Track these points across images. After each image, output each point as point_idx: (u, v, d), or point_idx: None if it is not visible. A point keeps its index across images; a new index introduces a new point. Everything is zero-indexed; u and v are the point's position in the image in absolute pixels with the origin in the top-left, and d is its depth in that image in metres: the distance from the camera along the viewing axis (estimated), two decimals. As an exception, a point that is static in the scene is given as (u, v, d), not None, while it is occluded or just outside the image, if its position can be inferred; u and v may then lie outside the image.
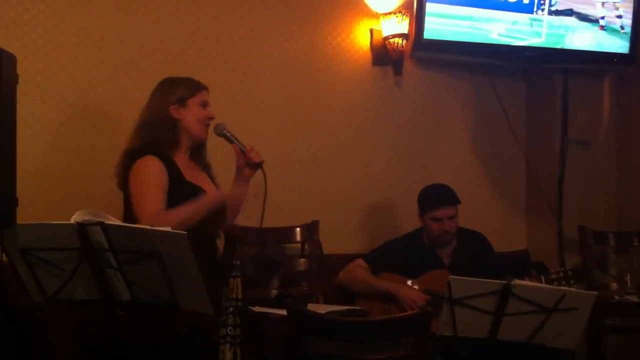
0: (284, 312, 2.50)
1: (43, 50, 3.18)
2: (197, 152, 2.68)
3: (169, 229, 2.15)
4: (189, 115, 2.60)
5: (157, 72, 3.22)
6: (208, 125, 2.64)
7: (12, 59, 2.24)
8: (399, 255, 3.33)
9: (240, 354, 2.43)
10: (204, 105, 2.64)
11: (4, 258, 2.22)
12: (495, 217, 4.10)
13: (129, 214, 2.51)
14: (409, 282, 3.24)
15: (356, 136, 3.86)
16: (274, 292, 3.37)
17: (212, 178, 2.72)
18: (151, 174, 2.49)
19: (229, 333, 2.42)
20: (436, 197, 3.31)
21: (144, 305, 2.22)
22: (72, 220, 2.14)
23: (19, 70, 2.28)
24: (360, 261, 3.35)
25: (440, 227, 3.26)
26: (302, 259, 3.51)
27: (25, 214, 2.26)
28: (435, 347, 2.74)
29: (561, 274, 3.03)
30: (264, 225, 3.39)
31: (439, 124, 4.07)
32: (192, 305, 2.20)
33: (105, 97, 3.27)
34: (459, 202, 3.31)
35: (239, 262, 2.50)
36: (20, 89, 2.25)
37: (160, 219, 2.35)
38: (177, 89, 2.62)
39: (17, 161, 2.24)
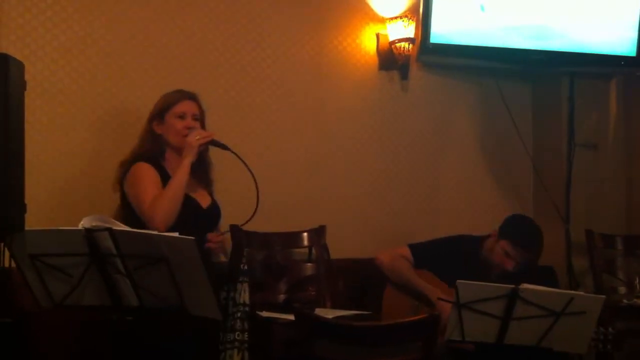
0: (291, 317, 2.51)
1: (51, 57, 3.19)
2: (197, 162, 2.74)
3: (176, 234, 2.17)
4: (167, 129, 2.75)
5: (164, 78, 3.25)
6: (186, 136, 2.70)
7: (20, 66, 2.25)
8: (449, 258, 3.15)
9: (248, 359, 2.43)
10: (182, 116, 2.75)
11: (12, 263, 2.23)
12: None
13: (127, 222, 2.54)
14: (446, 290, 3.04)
15: (363, 141, 3.86)
16: (282, 296, 3.37)
17: (207, 185, 2.83)
18: (144, 176, 2.65)
19: (237, 338, 2.43)
20: (525, 238, 3.12)
21: (152, 310, 2.23)
22: (80, 226, 2.15)
23: (27, 77, 2.29)
24: (405, 250, 3.22)
25: (503, 263, 3.09)
26: (310, 264, 3.50)
27: (34, 220, 2.26)
28: (443, 351, 2.72)
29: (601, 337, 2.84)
30: (271, 231, 3.44)
31: (446, 128, 4.07)
32: (201, 310, 2.21)
33: (113, 103, 3.28)
34: (540, 254, 3.13)
35: (246, 267, 2.51)
36: (29, 96, 2.26)
37: (156, 204, 2.54)
38: (157, 105, 2.78)
39: (26, 167, 2.24)
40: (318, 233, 3.56)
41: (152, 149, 2.74)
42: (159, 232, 2.36)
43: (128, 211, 2.65)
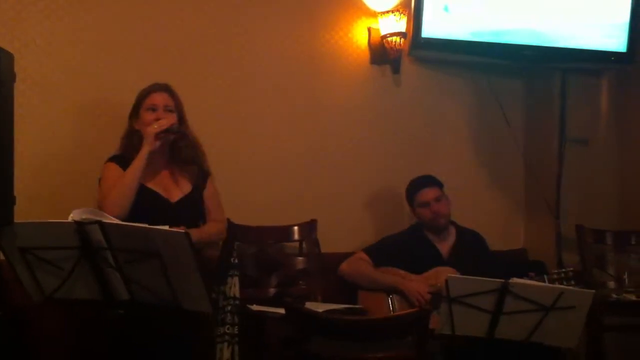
0: (282, 311, 2.50)
1: (42, 48, 3.17)
2: (176, 150, 2.76)
3: (166, 227, 2.16)
4: (141, 124, 2.77)
5: (155, 71, 3.23)
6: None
7: (9, 57, 2.24)
8: (400, 248, 3.40)
9: (238, 352, 2.43)
10: (153, 108, 2.77)
11: (2, 257, 2.21)
12: (493, 216, 4.09)
13: None
14: (414, 277, 3.28)
15: (354, 134, 3.86)
16: (272, 290, 3.37)
17: (193, 177, 2.80)
18: (106, 174, 2.74)
19: (227, 332, 2.43)
20: (417, 182, 3.47)
21: (143, 304, 2.22)
22: (70, 219, 2.14)
23: (17, 69, 2.27)
24: (362, 254, 3.41)
25: (430, 211, 3.38)
26: (300, 258, 3.51)
27: (23, 213, 2.25)
28: (435, 346, 2.74)
29: (562, 275, 3.05)
30: (262, 225, 3.44)
31: (438, 122, 4.06)
32: (192, 304, 2.20)
33: (104, 96, 3.26)
34: (441, 185, 3.44)
35: (237, 261, 2.50)
36: (18, 88, 2.25)
37: (107, 194, 2.63)
38: (135, 102, 2.81)
39: (15, 160, 2.23)
40: (309, 227, 3.56)
41: (127, 147, 2.77)
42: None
43: None
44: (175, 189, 2.77)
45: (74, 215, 2.16)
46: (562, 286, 2.81)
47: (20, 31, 3.12)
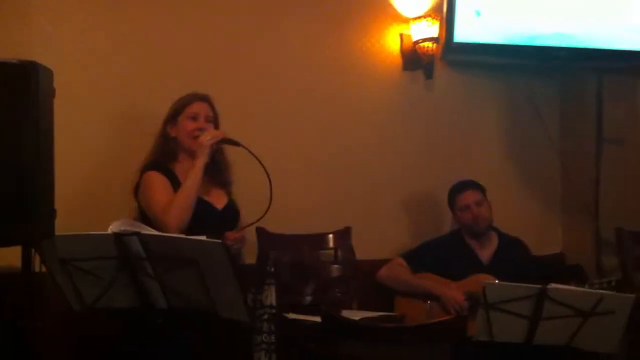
0: (318, 319, 2.51)
1: (80, 63, 3.23)
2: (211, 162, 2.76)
3: (203, 237, 2.19)
4: (180, 131, 2.78)
5: (192, 80, 3.26)
6: (197, 137, 2.73)
7: (48, 73, 2.28)
8: (439, 254, 3.38)
9: (276, 360, 2.45)
10: (194, 117, 2.78)
11: (43, 268, 2.26)
12: (530, 220, 4.05)
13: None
14: (452, 284, 3.26)
15: (388, 141, 3.85)
16: (308, 298, 3.38)
17: (224, 184, 2.83)
18: (154, 184, 2.69)
19: (264, 340, 2.44)
20: (458, 185, 3.45)
21: (181, 312, 2.25)
22: (109, 231, 2.19)
23: (56, 84, 2.32)
24: (400, 260, 3.41)
25: (470, 214, 3.35)
26: (336, 265, 3.51)
27: (64, 225, 2.29)
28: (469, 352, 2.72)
29: (605, 285, 2.98)
30: (296, 232, 3.45)
31: (472, 127, 4.04)
32: (229, 312, 2.23)
33: (141, 108, 3.30)
34: (483, 189, 3.41)
35: (273, 269, 2.52)
36: (58, 102, 2.28)
37: (168, 209, 2.58)
38: (171, 108, 2.82)
39: (56, 173, 2.28)
40: (344, 234, 3.56)
41: (164, 153, 2.78)
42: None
43: (144, 219, 2.66)
44: (217, 196, 2.81)
45: (113, 227, 2.21)
46: (601, 291, 2.76)
47: (58, 47, 3.18)
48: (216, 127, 2.83)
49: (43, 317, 2.57)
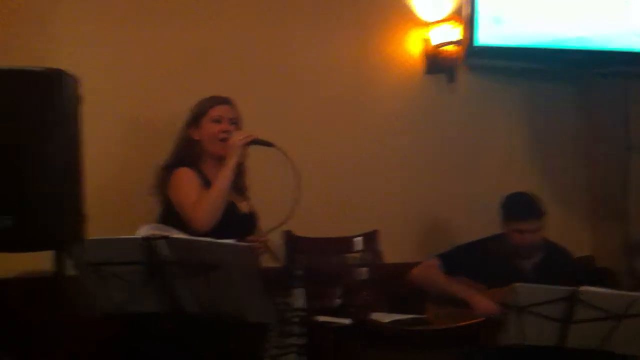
0: (347, 321, 2.51)
1: (105, 70, 3.25)
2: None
3: (232, 241, 2.20)
4: (203, 134, 2.76)
5: (213, 85, 3.27)
6: (223, 139, 2.72)
7: (74, 81, 2.31)
8: (478, 260, 3.20)
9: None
10: (218, 120, 2.76)
11: (70, 271, 2.28)
12: (556, 224, 3.99)
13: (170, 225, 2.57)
14: (486, 292, 3.10)
15: (411, 145, 3.85)
16: (337, 301, 3.36)
17: (242, 189, 2.82)
18: (186, 180, 2.67)
19: (295, 343, 2.44)
20: (522, 208, 3.15)
21: (210, 316, 2.25)
22: (137, 235, 2.19)
23: (83, 91, 2.34)
24: (436, 260, 3.26)
25: (523, 240, 3.12)
26: (364, 268, 3.50)
27: (93, 229, 2.31)
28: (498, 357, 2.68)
29: None
30: (323, 235, 3.45)
31: (495, 131, 4.02)
32: (257, 316, 2.23)
33: (167, 114, 3.29)
34: (543, 214, 3.16)
35: (301, 272, 2.52)
36: (85, 109, 2.31)
37: (198, 205, 2.56)
38: (193, 111, 2.80)
39: (85, 179, 2.29)
40: (371, 237, 3.56)
41: (189, 155, 2.76)
42: (201, 233, 2.42)
43: (171, 215, 2.65)
44: (239, 200, 2.81)
45: (141, 231, 2.22)
46: (633, 293, 2.72)
47: (84, 54, 3.20)
48: (239, 129, 2.83)
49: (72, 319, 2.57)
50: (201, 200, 2.59)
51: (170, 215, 2.63)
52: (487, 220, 3.61)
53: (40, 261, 2.25)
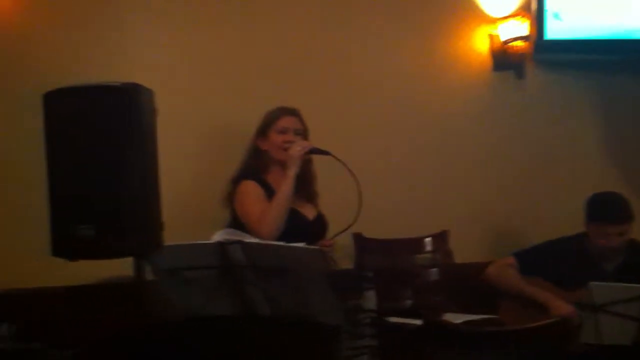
0: (419, 322, 2.51)
1: (178, 83, 3.35)
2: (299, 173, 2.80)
3: (303, 244, 2.25)
4: (270, 145, 2.86)
5: (281, 93, 3.34)
6: (287, 150, 2.80)
7: (149, 94, 2.39)
8: (556, 260, 3.09)
9: (379, 364, 2.46)
10: (284, 131, 2.85)
11: (150, 277, 2.37)
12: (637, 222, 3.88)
13: None
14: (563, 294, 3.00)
15: (480, 143, 3.80)
16: (408, 302, 3.37)
17: (310, 196, 2.89)
18: (250, 193, 2.78)
19: (367, 344, 2.47)
20: (610, 210, 3.02)
21: (283, 318, 2.30)
22: (212, 240, 2.27)
23: (158, 105, 2.42)
24: (511, 259, 3.19)
25: (607, 243, 2.99)
26: (434, 269, 3.49)
27: (170, 237, 2.39)
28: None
29: None
30: (393, 237, 3.46)
31: (566, 127, 3.92)
32: (328, 317, 2.27)
33: (239, 124, 3.34)
34: (632, 218, 3.01)
35: (371, 274, 2.54)
36: (160, 121, 2.39)
37: (262, 218, 2.67)
38: (261, 122, 2.91)
39: (161, 188, 2.38)
40: (441, 238, 3.54)
41: (256, 165, 2.86)
42: None
43: (237, 226, 2.72)
44: (306, 207, 2.87)
45: (216, 237, 2.30)
46: None
47: (158, 68, 3.32)
48: (305, 139, 2.89)
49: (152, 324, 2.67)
50: (264, 214, 2.68)
51: (237, 226, 2.72)
52: (560, 220, 3.57)
53: (122, 267, 2.35)
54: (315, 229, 2.82)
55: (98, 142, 2.20)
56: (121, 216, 2.16)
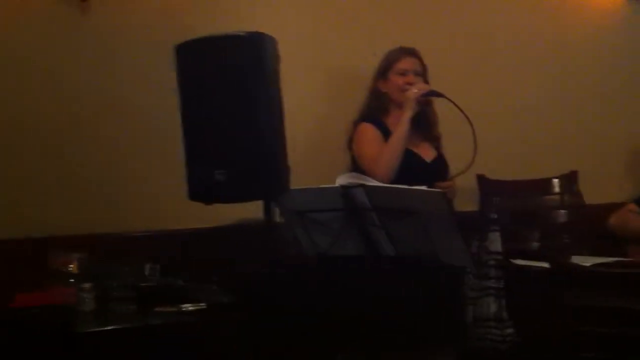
0: (546, 265, 2.48)
1: (300, 28, 3.37)
2: (417, 115, 2.78)
3: (424, 187, 2.27)
4: (390, 86, 2.86)
5: (400, 35, 3.27)
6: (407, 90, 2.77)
7: (273, 42, 2.45)
8: None
9: (504, 305, 2.46)
10: (404, 73, 2.83)
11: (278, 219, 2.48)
12: None
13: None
14: None
15: (612, 80, 3.63)
16: (535, 245, 3.32)
17: (430, 138, 2.87)
18: (367, 135, 2.81)
19: (492, 286, 2.47)
20: None
21: (407, 259, 2.35)
22: (336, 184, 2.34)
23: (281, 51, 2.48)
24: (632, 206, 3.21)
25: None
26: (562, 211, 3.41)
27: (296, 180, 2.48)
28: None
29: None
30: (525, 178, 3.38)
31: None
32: (453, 259, 2.29)
33: (361, 67, 3.34)
34: None
35: (497, 216, 2.52)
36: (283, 68, 2.45)
37: (377, 159, 2.69)
38: (381, 63, 2.90)
39: (287, 134, 2.46)
40: (569, 179, 3.45)
41: (376, 107, 2.87)
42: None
43: (356, 168, 2.78)
44: (425, 149, 2.86)
45: (339, 181, 2.36)
46: None
47: (278, 16, 3.37)
48: (425, 80, 2.87)
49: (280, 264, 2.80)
50: (379, 155, 2.71)
51: (357, 169, 2.77)
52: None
53: (252, 210, 2.47)
54: (434, 170, 2.81)
55: (227, 90, 2.29)
56: (252, 161, 2.26)
